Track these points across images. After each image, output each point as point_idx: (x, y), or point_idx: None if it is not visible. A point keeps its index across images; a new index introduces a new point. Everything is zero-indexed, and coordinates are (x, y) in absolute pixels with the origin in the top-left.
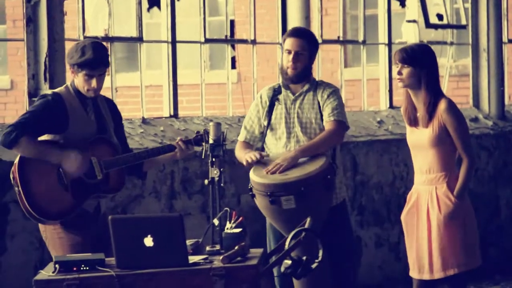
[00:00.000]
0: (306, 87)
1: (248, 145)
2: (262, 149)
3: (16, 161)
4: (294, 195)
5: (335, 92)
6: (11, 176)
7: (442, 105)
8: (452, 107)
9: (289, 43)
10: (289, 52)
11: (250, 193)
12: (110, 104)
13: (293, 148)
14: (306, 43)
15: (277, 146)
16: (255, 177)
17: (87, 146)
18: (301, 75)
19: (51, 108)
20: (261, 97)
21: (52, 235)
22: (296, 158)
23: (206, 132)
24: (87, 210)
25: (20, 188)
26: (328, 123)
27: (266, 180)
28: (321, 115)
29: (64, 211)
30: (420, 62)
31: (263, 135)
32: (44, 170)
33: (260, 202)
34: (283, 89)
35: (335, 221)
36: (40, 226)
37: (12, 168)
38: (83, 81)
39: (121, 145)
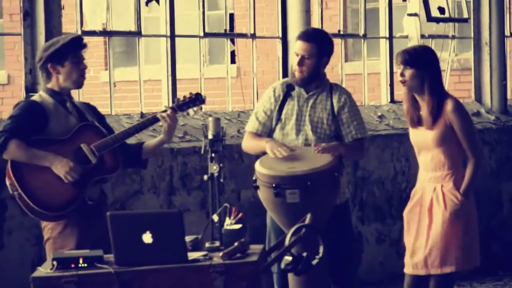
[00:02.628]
0: (320, 88)
1: (258, 136)
2: None
3: (8, 167)
4: (300, 189)
5: (350, 98)
6: (7, 182)
7: (448, 106)
8: (458, 107)
9: (297, 46)
10: (297, 55)
11: (254, 184)
12: (91, 107)
13: (301, 145)
14: (315, 47)
15: (284, 141)
16: (261, 168)
17: (73, 135)
18: (307, 79)
19: (31, 109)
20: (274, 90)
21: (54, 239)
22: (338, 149)
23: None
24: (92, 198)
25: (20, 191)
26: (354, 141)
27: (272, 171)
28: (333, 117)
29: (69, 201)
30: (422, 64)
31: (272, 128)
32: (38, 167)
33: (264, 194)
34: (296, 86)
35: (337, 220)
36: (44, 225)
37: (6, 174)
38: (71, 70)
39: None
